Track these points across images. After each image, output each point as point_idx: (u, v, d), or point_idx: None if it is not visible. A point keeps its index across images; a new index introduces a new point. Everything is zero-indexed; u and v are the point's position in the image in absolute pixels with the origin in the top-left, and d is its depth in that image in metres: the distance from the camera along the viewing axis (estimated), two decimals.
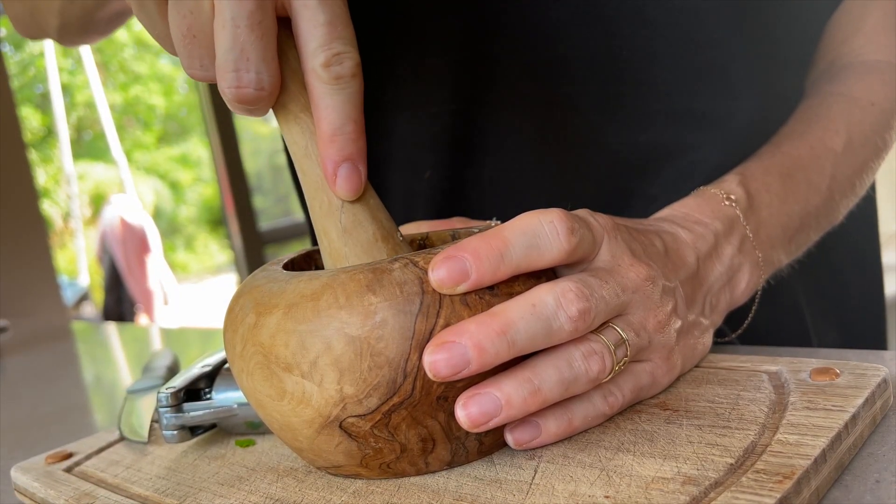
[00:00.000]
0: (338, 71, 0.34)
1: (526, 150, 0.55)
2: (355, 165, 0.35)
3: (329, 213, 0.36)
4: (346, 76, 0.34)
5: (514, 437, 0.33)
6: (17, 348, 1.04)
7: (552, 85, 0.54)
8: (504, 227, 0.32)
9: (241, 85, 0.33)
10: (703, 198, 0.45)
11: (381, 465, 0.33)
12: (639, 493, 0.28)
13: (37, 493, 0.41)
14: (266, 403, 0.33)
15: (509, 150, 0.56)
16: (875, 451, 0.32)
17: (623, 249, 0.36)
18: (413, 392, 0.31)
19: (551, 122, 0.54)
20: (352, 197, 0.35)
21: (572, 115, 0.54)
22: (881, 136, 0.53)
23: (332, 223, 0.36)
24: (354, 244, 0.36)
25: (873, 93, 0.53)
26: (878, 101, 0.53)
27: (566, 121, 0.54)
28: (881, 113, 0.53)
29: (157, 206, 8.37)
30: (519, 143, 0.55)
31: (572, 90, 0.53)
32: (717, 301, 0.42)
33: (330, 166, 0.35)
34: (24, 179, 2.20)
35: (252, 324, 0.33)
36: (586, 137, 0.54)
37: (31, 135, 7.64)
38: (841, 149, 0.51)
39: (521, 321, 0.31)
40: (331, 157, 0.34)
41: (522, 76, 0.54)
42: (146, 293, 4.76)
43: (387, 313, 0.31)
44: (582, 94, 0.53)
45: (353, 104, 0.34)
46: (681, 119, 0.52)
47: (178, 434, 0.41)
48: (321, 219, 0.36)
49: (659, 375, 0.36)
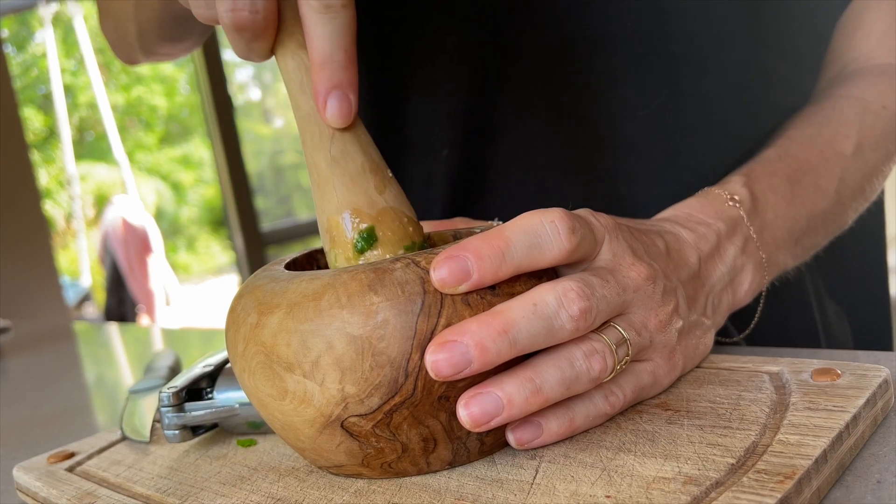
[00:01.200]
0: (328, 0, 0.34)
1: (542, 127, 0.56)
2: (345, 93, 0.35)
3: (319, 143, 0.37)
4: (337, 6, 0.35)
5: (516, 437, 0.33)
6: (18, 349, 1.05)
7: (567, 63, 0.54)
8: (505, 226, 0.33)
9: (236, 7, 0.34)
10: (706, 198, 0.45)
11: (382, 465, 0.33)
12: (640, 493, 0.29)
13: (39, 492, 0.41)
14: (268, 403, 0.33)
15: (525, 127, 0.56)
16: (876, 451, 0.32)
17: (624, 249, 0.36)
18: (414, 392, 0.31)
19: (567, 100, 0.55)
20: (341, 124, 0.36)
21: (586, 93, 0.54)
22: (892, 139, 0.53)
23: (322, 154, 0.37)
24: (342, 173, 0.36)
25: (885, 97, 0.53)
26: (890, 105, 0.53)
27: (581, 98, 0.54)
28: (892, 116, 0.53)
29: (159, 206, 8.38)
30: (535, 121, 0.56)
31: (586, 67, 0.54)
32: (719, 301, 0.42)
33: (321, 93, 0.35)
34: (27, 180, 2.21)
35: (254, 323, 0.33)
36: (600, 114, 0.54)
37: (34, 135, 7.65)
38: (851, 152, 0.50)
39: (523, 320, 0.31)
40: (322, 83, 0.35)
41: (538, 54, 0.55)
42: (148, 294, 4.76)
43: (388, 313, 0.31)
44: (596, 70, 0.54)
45: (343, 33, 0.35)
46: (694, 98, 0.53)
47: (180, 434, 0.41)
48: (312, 151, 0.37)
49: (660, 375, 0.36)
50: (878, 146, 0.52)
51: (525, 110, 0.56)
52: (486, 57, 0.56)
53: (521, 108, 0.56)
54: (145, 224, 4.88)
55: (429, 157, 0.61)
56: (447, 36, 0.57)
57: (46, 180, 7.56)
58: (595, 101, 0.54)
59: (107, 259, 4.83)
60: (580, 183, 0.56)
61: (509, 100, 0.56)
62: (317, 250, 0.42)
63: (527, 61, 0.55)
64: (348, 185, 0.36)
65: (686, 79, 0.53)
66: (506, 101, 0.56)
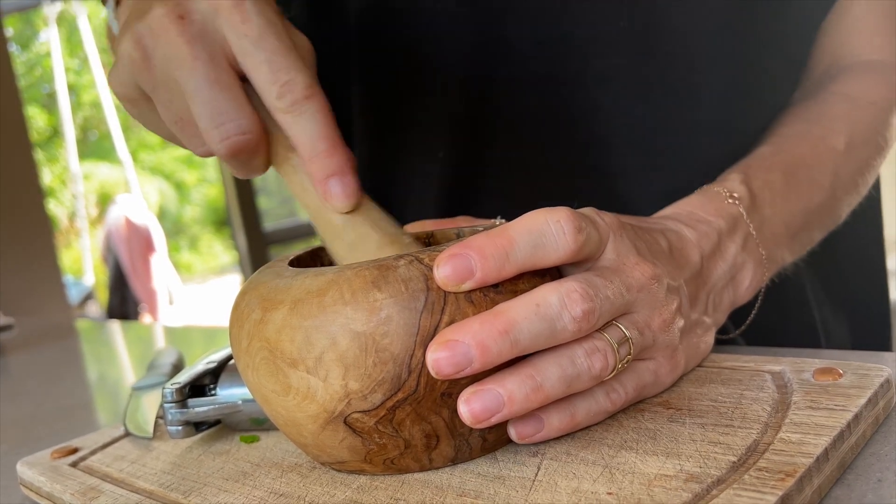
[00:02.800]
0: (290, 98, 0.36)
1: (538, 128, 0.56)
2: (341, 178, 0.36)
3: (335, 234, 0.38)
4: (300, 99, 0.36)
5: (518, 431, 0.33)
6: (22, 346, 1.05)
7: (562, 64, 0.55)
8: (510, 225, 0.33)
9: (225, 136, 0.35)
10: (706, 196, 0.45)
11: (385, 461, 0.33)
12: (641, 490, 0.29)
13: (42, 487, 0.41)
14: (271, 399, 0.33)
15: (522, 128, 0.57)
16: (878, 450, 0.32)
17: (629, 248, 0.36)
18: (417, 388, 0.31)
19: (562, 101, 0.55)
20: (348, 206, 0.37)
21: (581, 93, 0.55)
22: (882, 134, 0.54)
23: (339, 243, 0.38)
24: (362, 256, 0.36)
25: (873, 92, 0.54)
26: (877, 100, 0.54)
27: (576, 98, 0.55)
28: (881, 112, 0.54)
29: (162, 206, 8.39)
30: (531, 122, 0.56)
31: (581, 68, 0.54)
32: (720, 299, 0.42)
33: (319, 183, 0.36)
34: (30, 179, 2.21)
35: (258, 319, 0.33)
36: (595, 114, 0.55)
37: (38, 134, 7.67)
38: (843, 147, 0.51)
39: (525, 321, 0.31)
40: (316, 175, 0.36)
41: (534, 56, 0.55)
42: (150, 293, 4.77)
43: (392, 310, 0.31)
44: (591, 71, 0.54)
45: (317, 123, 0.36)
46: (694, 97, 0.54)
47: (183, 430, 0.41)
48: (330, 243, 0.38)
49: (662, 374, 0.37)
50: (867, 141, 0.53)
51: (521, 111, 0.56)
52: (482, 59, 0.56)
53: (517, 110, 0.56)
54: (148, 223, 4.89)
55: (426, 158, 0.61)
56: (443, 39, 0.58)
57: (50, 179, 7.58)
58: (589, 100, 0.54)
59: (110, 258, 4.84)
60: (577, 182, 0.56)
61: (505, 101, 0.57)
62: (320, 248, 0.42)
63: (522, 63, 0.55)
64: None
65: (677, 75, 0.53)
66: (502, 102, 0.57)
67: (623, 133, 0.55)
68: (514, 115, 0.57)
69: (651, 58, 0.53)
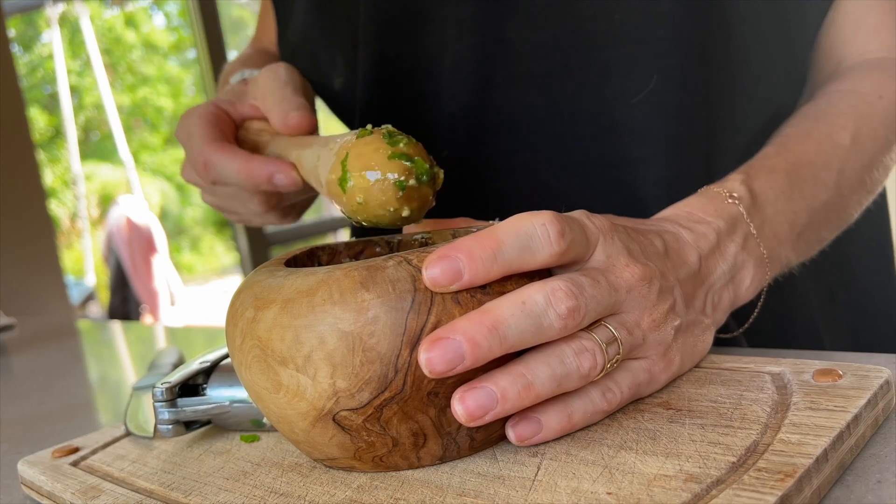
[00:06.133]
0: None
1: (541, 124, 0.56)
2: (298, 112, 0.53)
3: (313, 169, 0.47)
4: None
5: (516, 433, 0.34)
6: (23, 346, 1.05)
7: (564, 59, 0.55)
8: (497, 227, 0.33)
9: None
10: (706, 196, 0.45)
11: (373, 459, 0.34)
12: (641, 490, 0.29)
13: (43, 486, 0.41)
14: (264, 396, 0.34)
15: (525, 125, 0.57)
16: (877, 451, 0.32)
17: (619, 250, 0.36)
18: (404, 387, 0.32)
19: (565, 96, 0.55)
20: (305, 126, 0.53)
21: (583, 87, 0.55)
22: (891, 129, 0.53)
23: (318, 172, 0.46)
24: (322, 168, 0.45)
25: (881, 87, 0.53)
26: (886, 95, 0.53)
27: (578, 93, 0.55)
28: (890, 106, 0.53)
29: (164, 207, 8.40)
30: (533, 119, 0.56)
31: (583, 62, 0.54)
32: (719, 299, 0.42)
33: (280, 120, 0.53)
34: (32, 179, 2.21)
35: (251, 318, 0.33)
36: (597, 106, 0.55)
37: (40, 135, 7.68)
38: (849, 143, 0.50)
39: (512, 318, 0.31)
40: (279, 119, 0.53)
41: (535, 53, 0.55)
42: (152, 294, 4.77)
43: (379, 310, 0.31)
44: (592, 65, 0.54)
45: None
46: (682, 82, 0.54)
47: (173, 428, 0.42)
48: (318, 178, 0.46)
49: (656, 372, 0.37)
50: (875, 136, 0.52)
51: (524, 108, 0.56)
52: (484, 57, 0.56)
53: (519, 107, 0.57)
54: (150, 224, 4.89)
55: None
56: (444, 37, 0.58)
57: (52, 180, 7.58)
58: (592, 94, 0.54)
59: (111, 258, 4.84)
60: (582, 176, 0.56)
61: (508, 99, 0.57)
62: (318, 247, 0.42)
63: (524, 60, 0.55)
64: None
65: (673, 63, 0.53)
66: (504, 99, 0.57)
67: (625, 123, 0.54)
68: (517, 114, 0.57)
69: (647, 47, 0.53)
